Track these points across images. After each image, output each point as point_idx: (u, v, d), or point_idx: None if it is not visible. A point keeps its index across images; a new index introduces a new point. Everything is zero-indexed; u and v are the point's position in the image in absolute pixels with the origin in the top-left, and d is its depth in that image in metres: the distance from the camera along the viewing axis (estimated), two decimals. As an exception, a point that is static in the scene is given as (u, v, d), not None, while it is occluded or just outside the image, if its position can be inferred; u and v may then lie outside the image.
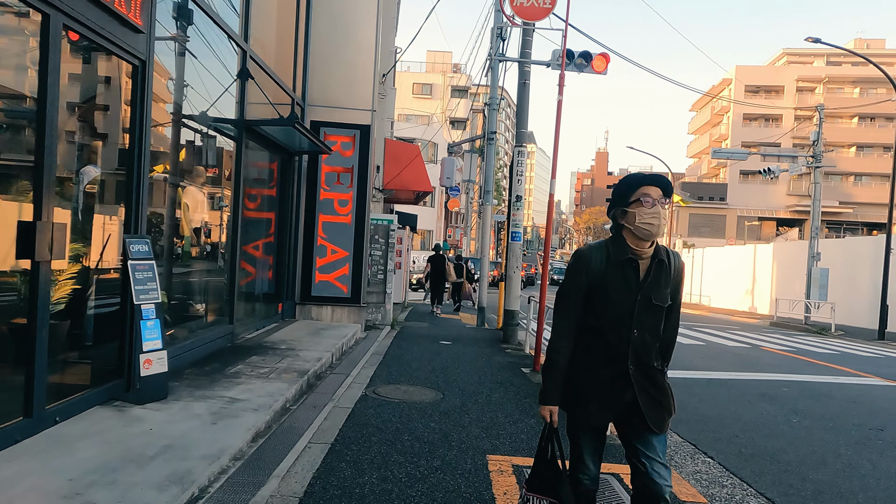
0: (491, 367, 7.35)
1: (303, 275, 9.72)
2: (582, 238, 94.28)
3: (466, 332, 11.31)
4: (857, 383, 8.13)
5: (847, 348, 12.97)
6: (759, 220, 54.50)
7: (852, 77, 54.11)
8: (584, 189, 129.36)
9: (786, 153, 19.57)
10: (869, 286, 18.81)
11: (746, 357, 10.27)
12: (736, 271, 27.08)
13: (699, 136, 66.55)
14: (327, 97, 9.82)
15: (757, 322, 20.44)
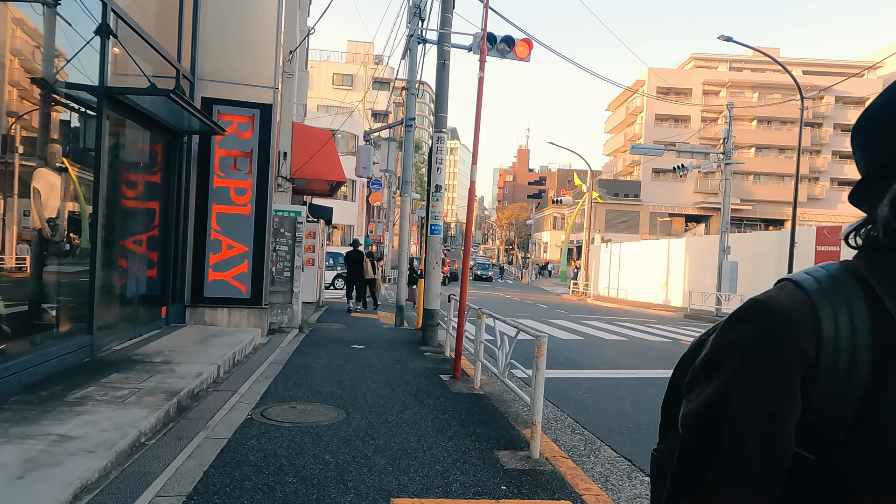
0: (406, 375, 6.57)
1: (194, 273, 8.51)
2: (504, 234, 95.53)
3: (383, 333, 10.47)
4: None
5: (758, 339, 13.28)
6: (669, 216, 57.22)
7: (752, 82, 57.80)
8: (506, 185, 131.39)
9: (699, 150, 20.14)
10: (773, 279, 19.65)
11: (669, 353, 10.11)
12: (651, 265, 27.87)
13: (615, 135, 68.95)
14: (222, 71, 8.64)
15: (672, 314, 20.96)
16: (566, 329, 13.03)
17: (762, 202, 55.91)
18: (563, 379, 7.36)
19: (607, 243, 33.19)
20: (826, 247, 17.71)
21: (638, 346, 10.69)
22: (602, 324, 14.85)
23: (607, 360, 8.91)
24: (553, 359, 8.82)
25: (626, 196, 57.99)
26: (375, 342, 9.09)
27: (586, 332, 12.49)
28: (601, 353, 9.58)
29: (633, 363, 8.78)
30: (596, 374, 7.81)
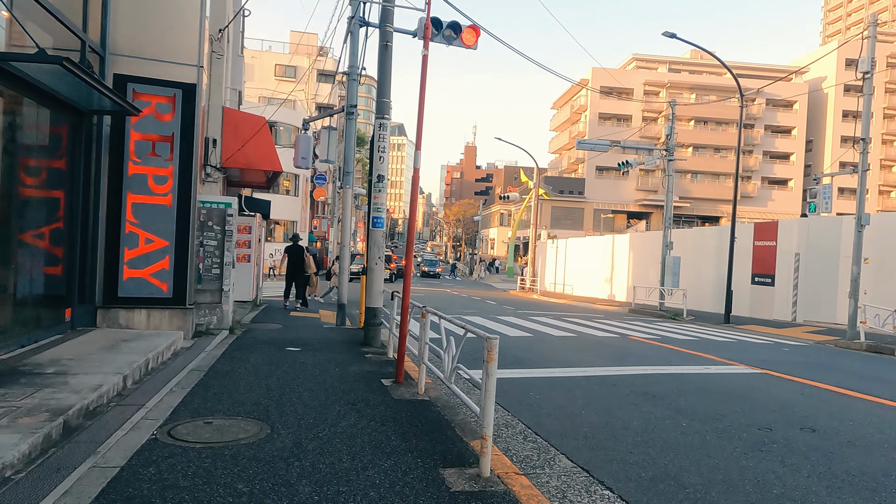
0: (344, 381, 5.99)
1: (106, 271, 7.62)
2: (451, 230, 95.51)
3: (323, 333, 9.82)
4: (726, 372, 7.94)
5: (702, 333, 13.39)
6: (612, 212, 58.55)
7: (690, 84, 59.70)
8: (453, 182, 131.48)
9: (643, 146, 20.35)
10: (713, 273, 20.16)
11: (618, 348, 9.92)
12: (596, 261, 28.16)
13: (560, 133, 69.90)
14: (138, 46, 7.76)
15: (617, 309, 21.14)
16: (515, 326, 12.72)
17: (699, 199, 57.97)
18: (513, 379, 6.96)
19: (553, 239, 33.40)
20: (763, 241, 18.22)
21: (587, 343, 10.47)
22: (550, 320, 14.66)
23: (558, 358, 8.59)
24: (503, 358, 8.41)
25: (570, 193, 58.96)
26: (313, 344, 8.44)
27: (535, 329, 12.22)
28: (551, 351, 9.27)
29: (583, 360, 8.50)
30: (547, 373, 7.46)
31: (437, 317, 5.51)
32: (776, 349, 11.16)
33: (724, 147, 60.10)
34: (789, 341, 12.94)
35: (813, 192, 14.07)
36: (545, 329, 12.32)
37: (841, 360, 10.25)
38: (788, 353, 10.59)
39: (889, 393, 7.02)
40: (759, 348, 11.09)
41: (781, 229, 17.57)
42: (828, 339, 13.32)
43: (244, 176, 13.14)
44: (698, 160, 59.43)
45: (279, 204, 35.21)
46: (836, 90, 61.73)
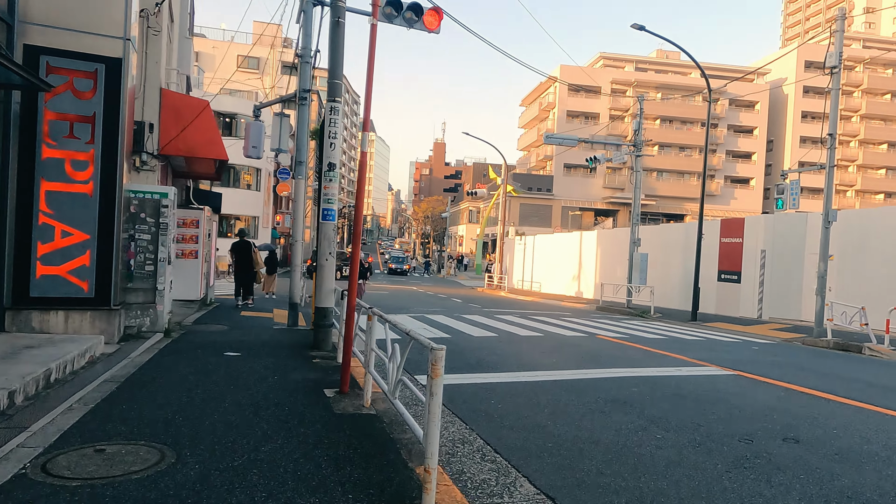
0: (282, 391, 5.31)
1: (16, 267, 6.74)
2: (420, 227, 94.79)
3: (271, 335, 9.07)
4: (699, 374, 7.52)
5: (671, 331, 13.08)
6: (580, 210, 58.77)
7: (656, 83, 60.26)
8: (422, 179, 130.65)
9: (611, 141, 20.05)
10: (680, 270, 20.02)
11: (586, 349, 9.45)
12: (564, 257, 27.90)
13: (528, 130, 69.86)
14: (55, 15, 6.89)
15: (585, 307, 20.83)
16: (479, 325, 12.17)
17: (664, 198, 58.64)
18: (474, 386, 6.38)
19: (521, 236, 33.05)
20: (729, 238, 18.11)
21: (554, 343, 9.97)
22: (516, 318, 14.17)
23: (523, 361, 8.05)
24: (464, 360, 7.85)
25: (539, 190, 58.97)
26: (257, 347, 7.70)
27: (500, 329, 11.68)
28: (516, 353, 8.73)
29: (549, 363, 7.97)
30: (511, 377, 6.90)
31: (386, 321, 4.86)
32: (745, 348, 10.88)
33: (689, 146, 60.95)
34: (757, 339, 12.72)
35: (780, 189, 13.91)
36: (511, 328, 11.80)
37: (811, 359, 10.00)
38: (758, 352, 10.30)
39: (866, 396, 6.68)
40: (728, 347, 10.78)
41: (748, 226, 17.47)
42: (794, 337, 13.16)
43: (191, 166, 12.24)
44: (664, 159, 60.12)
45: (239, 199, 33.98)
46: (796, 92, 63.26)
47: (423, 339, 3.46)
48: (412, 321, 12.63)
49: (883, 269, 14.12)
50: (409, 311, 15.04)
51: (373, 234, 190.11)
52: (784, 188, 13.81)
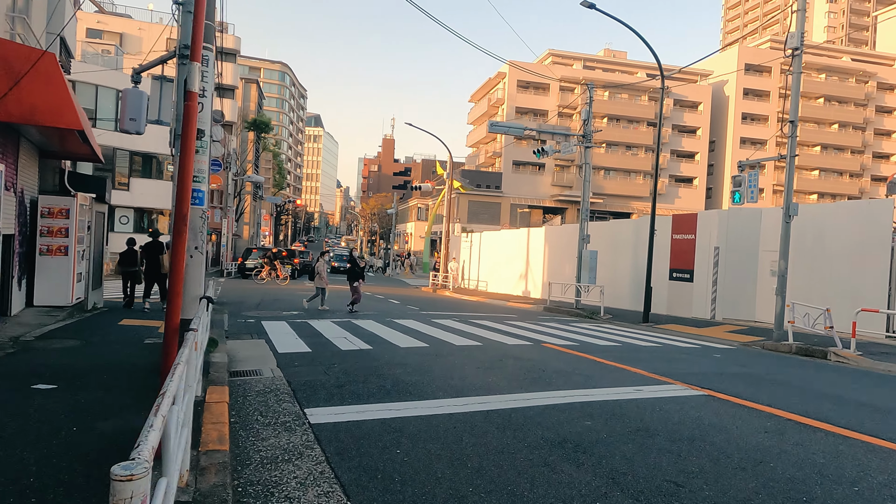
0: (64, 457, 3.54)
1: None
2: (368, 224, 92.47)
3: (130, 353, 7.18)
4: (665, 397, 6.17)
5: (623, 336, 11.87)
6: (529, 208, 58.16)
7: (604, 81, 60.20)
8: (371, 175, 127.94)
9: (559, 130, 18.85)
10: (630, 269, 19.03)
11: (530, 363, 8.00)
12: (511, 256, 26.68)
13: (478, 127, 68.87)
14: None
15: (532, 307, 19.58)
16: (411, 332, 10.57)
17: (612, 196, 58.74)
18: (380, 423, 4.78)
19: (467, 233, 31.69)
20: (681, 235, 17.19)
21: (493, 355, 8.48)
22: (455, 323, 12.65)
23: (452, 381, 6.50)
24: (378, 383, 6.23)
25: (487, 187, 58.01)
26: (94, 374, 5.83)
27: (434, 337, 10.12)
28: (446, 370, 7.18)
29: (484, 384, 6.46)
30: (432, 408, 5.33)
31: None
32: (706, 356, 9.71)
33: (636, 145, 61.33)
34: (715, 344, 11.66)
35: (737, 181, 12.94)
36: (446, 336, 10.25)
37: (779, 368, 8.89)
38: (722, 362, 9.13)
39: (866, 423, 5.47)
40: (688, 356, 9.58)
41: (701, 222, 16.58)
42: (753, 341, 12.19)
43: (62, 144, 10.08)
44: (611, 157, 60.26)
45: (163, 191, 31.11)
46: (737, 93, 64.77)
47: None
48: (333, 326, 10.91)
49: (840, 267, 13.38)
50: (335, 315, 13.29)
51: (320, 231, 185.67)
52: (741, 180, 12.84)
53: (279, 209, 67.99)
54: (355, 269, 15.21)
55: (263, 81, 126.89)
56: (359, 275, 15.09)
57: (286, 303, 16.21)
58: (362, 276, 15.40)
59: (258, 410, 5.14)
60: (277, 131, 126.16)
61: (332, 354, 8.01)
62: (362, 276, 15.40)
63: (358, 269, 15.26)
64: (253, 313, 13.09)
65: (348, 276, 15.22)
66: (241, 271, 30.89)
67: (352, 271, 15.19)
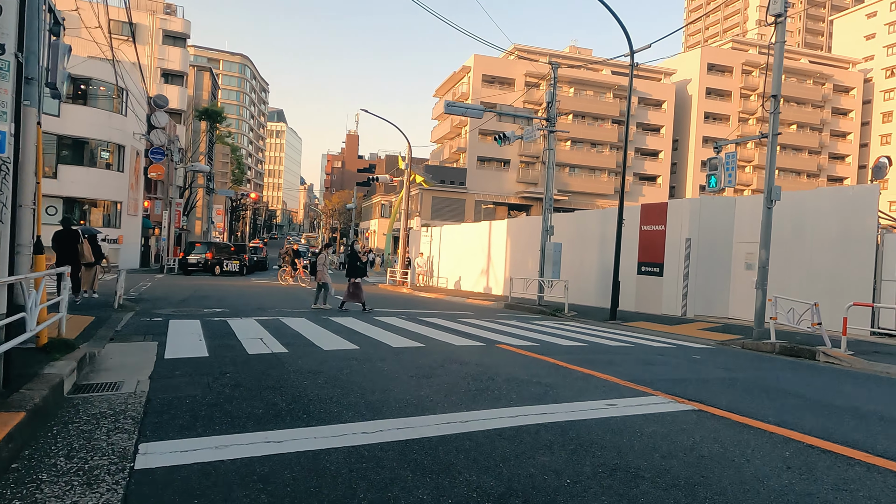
0: None
1: None
2: (329, 221, 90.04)
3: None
4: (647, 414, 4.78)
5: (590, 335, 10.54)
6: (493, 204, 57.08)
7: (569, 78, 59.59)
8: (334, 172, 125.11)
9: (521, 113, 17.50)
10: (596, 263, 17.84)
11: (479, 368, 6.53)
12: (472, 250, 25.30)
13: (442, 122, 67.52)
14: None
15: (492, 304, 18.20)
16: (345, 332, 9.00)
17: (576, 193, 58.13)
18: (245, 463, 3.22)
19: (427, 228, 30.18)
20: (650, 226, 16.05)
21: (435, 359, 6.98)
22: (401, 321, 11.12)
23: (371, 397, 4.98)
24: (273, 398, 4.66)
25: (452, 183, 56.76)
26: None
27: (370, 337, 8.57)
28: (369, 380, 5.65)
29: (414, 398, 4.96)
30: (329, 437, 3.80)
31: None
32: (684, 357, 8.43)
33: (601, 142, 60.90)
34: (690, 343, 10.45)
35: (713, 165, 11.78)
36: (385, 336, 8.71)
37: (769, 372, 7.66)
38: (703, 364, 7.85)
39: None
40: (664, 357, 8.28)
41: (671, 212, 15.46)
42: (730, 339, 11.03)
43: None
44: (576, 154, 59.68)
45: (96, 180, 28.60)
46: (699, 93, 65.06)
47: None
48: (255, 326, 9.24)
49: (821, 258, 12.37)
50: (267, 312, 11.60)
51: (283, 228, 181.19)
52: (717, 163, 11.68)
53: (234, 204, 65.13)
54: (356, 265, 13.67)
55: (222, 73, 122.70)
56: (360, 271, 13.60)
57: (214, 300, 14.39)
58: (364, 273, 13.92)
59: (70, 447, 3.51)
60: (238, 125, 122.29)
61: (232, 360, 6.39)
62: (364, 273, 13.92)
63: (360, 265, 13.74)
64: (167, 311, 11.29)
65: (347, 272, 13.71)
66: (183, 267, 28.61)
67: (351, 267, 13.64)
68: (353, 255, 13.95)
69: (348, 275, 13.55)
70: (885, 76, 70.64)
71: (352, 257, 13.88)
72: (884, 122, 70.23)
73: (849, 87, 69.15)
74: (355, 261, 13.77)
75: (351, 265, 13.67)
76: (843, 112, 68.98)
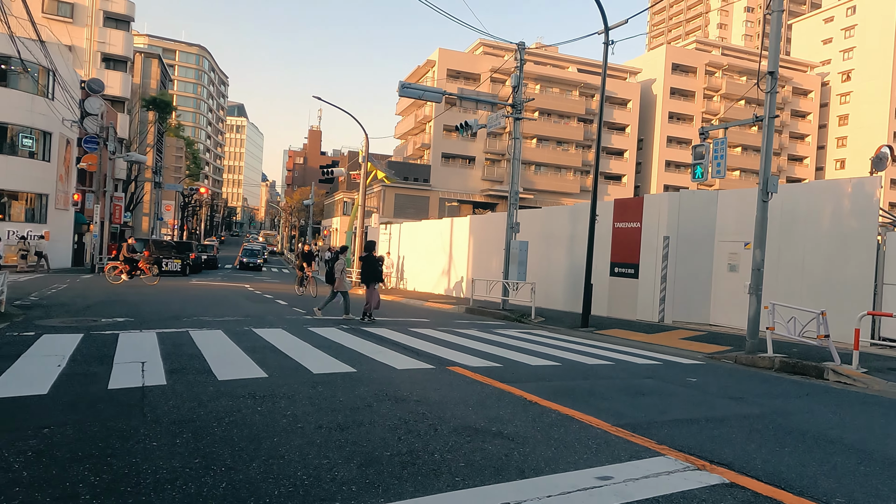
0: None
1: None
2: (290, 218, 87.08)
3: None
4: (665, 495, 3.17)
5: (562, 349, 9.00)
6: (458, 202, 55.55)
7: (535, 74, 58.53)
8: (296, 168, 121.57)
9: (485, 98, 15.90)
10: (565, 263, 16.40)
11: (419, 409, 4.85)
12: (433, 249, 23.63)
13: (406, 117, 65.74)
14: None
15: (452, 308, 16.56)
16: (263, 351, 7.19)
17: (542, 192, 57.07)
18: None
19: (386, 225, 28.38)
20: (624, 223, 14.66)
21: (364, 393, 5.26)
22: (339, 334, 9.36)
23: (247, 470, 3.26)
24: (104, 473, 2.83)
25: (415, 180, 55.01)
26: None
27: (290, 358, 6.79)
28: (258, 433, 3.92)
29: (307, 475, 3.25)
30: None
31: None
32: (678, 380, 6.94)
33: (567, 140, 60.06)
34: (676, 357, 9.01)
35: (698, 153, 10.39)
36: (309, 356, 6.94)
37: (789, 401, 6.21)
38: (705, 392, 6.37)
39: None
40: (656, 382, 6.76)
41: (647, 207, 14.09)
42: (718, 351, 9.65)
43: None
44: (542, 152, 58.70)
45: (18, 170, 25.75)
46: (664, 93, 64.96)
47: None
48: (150, 342, 7.33)
49: (814, 259, 11.14)
50: (181, 322, 9.65)
51: (243, 226, 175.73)
52: (703, 151, 10.29)
53: (186, 199, 61.84)
54: (376, 269, 12.07)
55: (178, 65, 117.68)
56: (377, 276, 12.08)
57: (128, 306, 12.29)
58: (381, 279, 12.35)
59: None
60: (194, 118, 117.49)
61: (75, 401, 4.55)
62: (381, 279, 12.35)
63: (378, 269, 12.14)
64: (54, 322, 9.23)
65: (363, 277, 12.15)
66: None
67: (370, 271, 12.01)
68: (369, 258, 12.22)
69: (365, 280, 12.04)
70: (841, 80, 72.07)
71: (366, 261, 12.18)
72: (840, 124, 71.65)
73: (807, 89, 70.28)
74: (375, 265, 12.16)
75: (370, 269, 12.05)
76: (802, 114, 70.05)
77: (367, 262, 12.21)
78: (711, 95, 66.36)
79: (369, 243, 12.59)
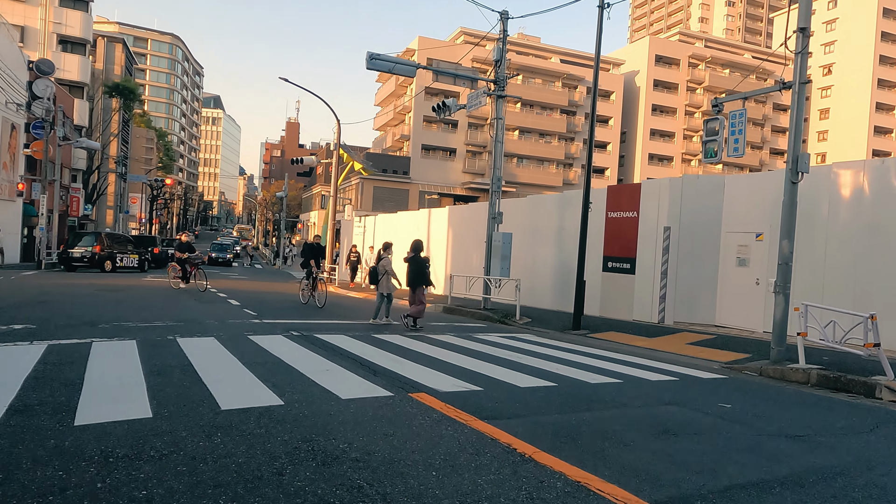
0: None
1: None
2: (265, 212, 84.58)
3: None
4: None
5: (554, 357, 7.46)
6: (438, 195, 53.95)
7: (517, 64, 56.99)
8: (273, 161, 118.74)
9: (464, 73, 14.28)
10: (553, 258, 14.89)
11: (355, 475, 3.23)
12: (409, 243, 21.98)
13: (385, 108, 63.91)
14: None
15: (428, 307, 14.95)
16: (170, 372, 5.51)
17: (525, 185, 55.65)
18: None
19: (361, 217, 26.67)
20: (619, 212, 13.17)
21: (285, 444, 3.65)
22: (286, 343, 7.70)
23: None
24: None
25: (395, 173, 53.30)
26: None
27: (202, 384, 5.13)
28: None
29: None
30: None
31: None
32: (708, 406, 5.44)
33: (549, 132, 58.76)
34: (691, 369, 7.53)
35: (709, 129, 8.92)
36: (229, 380, 5.29)
37: (862, 438, 4.73)
38: (750, 425, 4.86)
39: None
40: (683, 410, 5.24)
41: (645, 194, 12.62)
42: (737, 360, 8.21)
43: None
44: (524, 144, 57.33)
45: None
46: (647, 85, 63.93)
47: None
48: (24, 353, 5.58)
49: (838, 252, 9.75)
50: (96, 327, 7.88)
51: (220, 220, 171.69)
52: (718, 126, 8.80)
53: (155, 192, 59.26)
54: (424, 271, 10.53)
55: (150, 53, 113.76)
56: (425, 278, 10.53)
57: (51, 307, 10.44)
58: (429, 282, 10.76)
59: None
60: (168, 109, 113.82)
61: None
62: (429, 282, 10.76)
63: (425, 271, 10.58)
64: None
65: (411, 280, 10.45)
66: (66, 262, 23.78)
67: (417, 272, 10.42)
68: (416, 259, 10.49)
69: (412, 283, 10.44)
70: (822, 73, 71.77)
71: (413, 262, 10.45)
72: (821, 118, 71.42)
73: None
74: (422, 266, 10.58)
75: (418, 271, 10.45)
76: (784, 108, 69.57)
77: (413, 263, 10.52)
78: (695, 88, 65.54)
79: (416, 243, 10.74)
